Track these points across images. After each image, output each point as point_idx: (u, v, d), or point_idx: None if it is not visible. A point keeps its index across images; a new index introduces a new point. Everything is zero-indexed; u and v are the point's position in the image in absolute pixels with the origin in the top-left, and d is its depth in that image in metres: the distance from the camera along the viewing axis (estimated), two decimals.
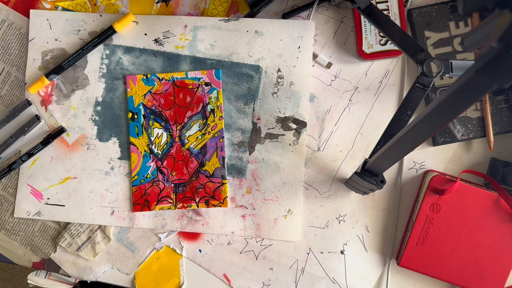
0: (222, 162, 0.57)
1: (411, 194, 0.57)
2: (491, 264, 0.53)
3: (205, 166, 0.57)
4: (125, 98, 0.57)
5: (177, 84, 0.57)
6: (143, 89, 0.57)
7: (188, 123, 0.57)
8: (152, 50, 0.58)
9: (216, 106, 0.57)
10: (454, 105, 0.31)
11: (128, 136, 0.58)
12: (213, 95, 0.57)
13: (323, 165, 0.58)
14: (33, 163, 0.58)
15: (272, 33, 0.57)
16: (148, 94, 0.57)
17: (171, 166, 0.57)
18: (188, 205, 0.56)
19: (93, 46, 0.57)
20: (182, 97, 0.57)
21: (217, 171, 0.57)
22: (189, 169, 0.57)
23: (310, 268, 0.57)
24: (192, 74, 0.57)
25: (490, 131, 0.55)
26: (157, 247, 0.58)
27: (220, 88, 0.57)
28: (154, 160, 0.57)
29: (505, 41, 0.24)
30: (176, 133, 0.57)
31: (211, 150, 0.57)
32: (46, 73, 0.57)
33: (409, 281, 0.57)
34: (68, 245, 0.58)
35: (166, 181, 0.57)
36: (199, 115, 0.57)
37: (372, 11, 0.51)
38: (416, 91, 0.48)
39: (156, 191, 0.57)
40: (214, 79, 0.57)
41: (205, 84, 0.57)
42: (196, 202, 0.56)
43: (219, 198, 0.57)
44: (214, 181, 0.57)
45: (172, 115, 0.57)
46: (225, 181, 0.57)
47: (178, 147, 0.57)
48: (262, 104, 0.57)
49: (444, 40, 0.56)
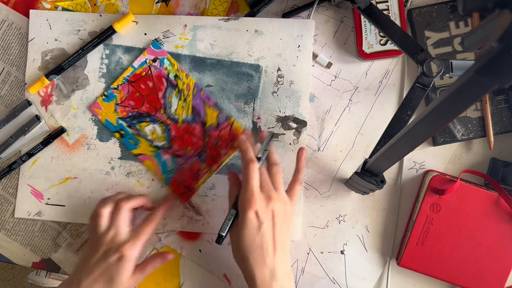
0: (217, 107, 0.57)
1: (411, 194, 0.57)
2: (491, 264, 0.53)
3: (207, 122, 0.57)
4: (103, 122, 0.57)
5: (131, 80, 0.57)
6: (109, 106, 0.57)
7: (166, 102, 0.57)
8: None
9: (175, 70, 0.57)
10: (454, 105, 0.31)
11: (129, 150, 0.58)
12: (166, 64, 0.57)
13: (323, 165, 0.57)
14: (33, 163, 0.58)
15: (272, 32, 0.57)
16: (117, 107, 0.57)
17: (182, 145, 0.57)
18: (221, 162, 0.57)
19: (93, 46, 0.57)
20: (145, 86, 0.57)
21: (220, 118, 0.57)
22: (197, 135, 0.57)
23: (310, 268, 0.57)
24: (137, 63, 0.57)
25: (490, 131, 0.55)
26: (157, 247, 0.58)
27: (166, 55, 0.57)
28: (164, 152, 0.57)
29: (505, 41, 0.24)
30: (164, 117, 0.57)
31: (201, 107, 0.57)
32: (46, 73, 0.57)
33: (409, 281, 0.57)
34: (68, 245, 0.58)
35: (188, 159, 0.57)
36: (169, 89, 0.57)
37: (372, 11, 0.51)
38: (416, 91, 0.48)
39: (187, 173, 0.57)
40: (156, 51, 0.57)
41: (153, 61, 0.57)
42: (225, 153, 0.57)
43: (238, 135, 0.57)
44: (223, 127, 0.57)
45: (148, 106, 0.57)
46: (232, 119, 0.57)
47: (175, 126, 0.57)
48: (262, 104, 0.57)
49: (444, 40, 0.56)
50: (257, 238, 0.46)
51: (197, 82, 0.57)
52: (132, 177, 0.58)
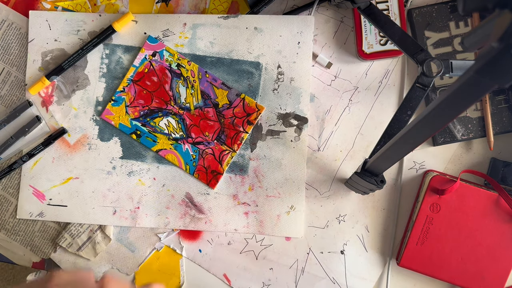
0: (226, 86, 0.57)
1: (411, 194, 0.57)
2: (491, 264, 0.53)
3: (219, 103, 0.57)
4: (118, 127, 0.57)
5: (135, 80, 0.57)
6: (120, 110, 0.57)
7: (174, 93, 0.57)
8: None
9: (177, 60, 0.57)
10: (454, 105, 0.31)
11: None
12: (166, 55, 0.57)
13: (323, 165, 0.58)
14: (34, 164, 0.58)
15: (271, 29, 0.57)
16: (127, 109, 0.57)
17: (199, 131, 0.57)
18: (241, 139, 0.57)
19: (93, 46, 0.57)
20: (150, 83, 0.57)
21: (230, 96, 0.57)
22: (212, 118, 0.57)
23: (310, 268, 0.57)
24: (138, 61, 0.57)
25: (490, 131, 0.55)
26: (157, 247, 0.58)
27: (163, 47, 0.57)
28: (184, 142, 0.57)
29: (505, 41, 0.24)
30: (175, 108, 0.57)
31: (210, 89, 0.57)
32: (46, 74, 0.57)
33: (409, 281, 0.57)
34: (68, 245, 0.58)
35: (209, 144, 0.57)
36: (175, 79, 0.57)
37: (372, 11, 0.51)
38: (416, 91, 0.48)
39: (210, 158, 0.57)
40: (153, 46, 0.57)
41: (152, 56, 0.57)
42: (243, 130, 0.57)
43: (253, 110, 0.57)
44: (236, 104, 0.57)
45: (158, 101, 0.57)
46: (243, 95, 0.57)
47: (188, 115, 0.57)
48: (262, 101, 0.57)
49: (444, 40, 0.56)
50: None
51: (200, 67, 0.57)
52: (133, 176, 0.58)
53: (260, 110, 0.57)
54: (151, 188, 0.58)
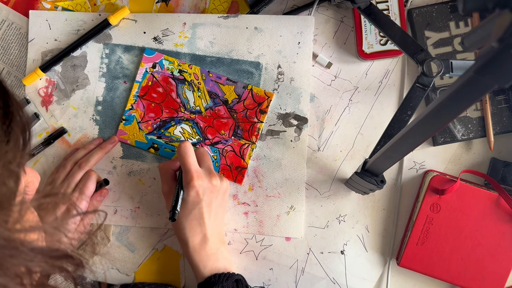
0: (231, 81, 0.57)
1: (411, 194, 0.57)
2: (491, 264, 0.53)
3: (228, 99, 0.57)
4: (135, 145, 0.58)
5: (141, 95, 0.57)
6: (133, 128, 0.57)
7: (182, 99, 0.57)
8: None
9: (177, 66, 0.57)
10: (454, 105, 0.31)
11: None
12: (166, 64, 0.57)
13: (323, 165, 0.57)
14: (34, 163, 0.58)
15: (271, 29, 0.57)
16: (140, 125, 0.57)
17: (215, 132, 0.57)
18: (257, 129, 0.57)
19: (89, 38, 0.57)
20: (156, 95, 0.57)
21: (238, 90, 0.57)
22: (224, 116, 0.57)
23: (310, 268, 0.57)
24: (139, 76, 0.57)
25: (490, 131, 0.55)
26: (157, 247, 0.58)
27: (162, 57, 0.57)
28: (202, 145, 0.57)
29: (505, 41, 0.24)
30: (186, 114, 0.57)
31: (216, 88, 0.57)
32: (40, 65, 0.57)
33: (409, 281, 0.57)
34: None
35: (227, 141, 0.57)
36: (180, 85, 0.57)
37: (372, 11, 0.51)
38: (416, 91, 0.48)
39: (231, 155, 0.57)
40: (151, 58, 0.57)
41: (153, 68, 0.57)
42: (258, 120, 0.57)
43: (263, 98, 0.57)
44: (245, 97, 0.57)
45: (168, 110, 0.57)
46: (250, 86, 0.57)
47: (201, 118, 0.57)
48: None
49: (444, 40, 0.56)
50: (195, 211, 0.49)
51: (202, 68, 0.57)
52: (133, 176, 0.58)
53: (270, 97, 0.56)
54: (151, 187, 0.58)
